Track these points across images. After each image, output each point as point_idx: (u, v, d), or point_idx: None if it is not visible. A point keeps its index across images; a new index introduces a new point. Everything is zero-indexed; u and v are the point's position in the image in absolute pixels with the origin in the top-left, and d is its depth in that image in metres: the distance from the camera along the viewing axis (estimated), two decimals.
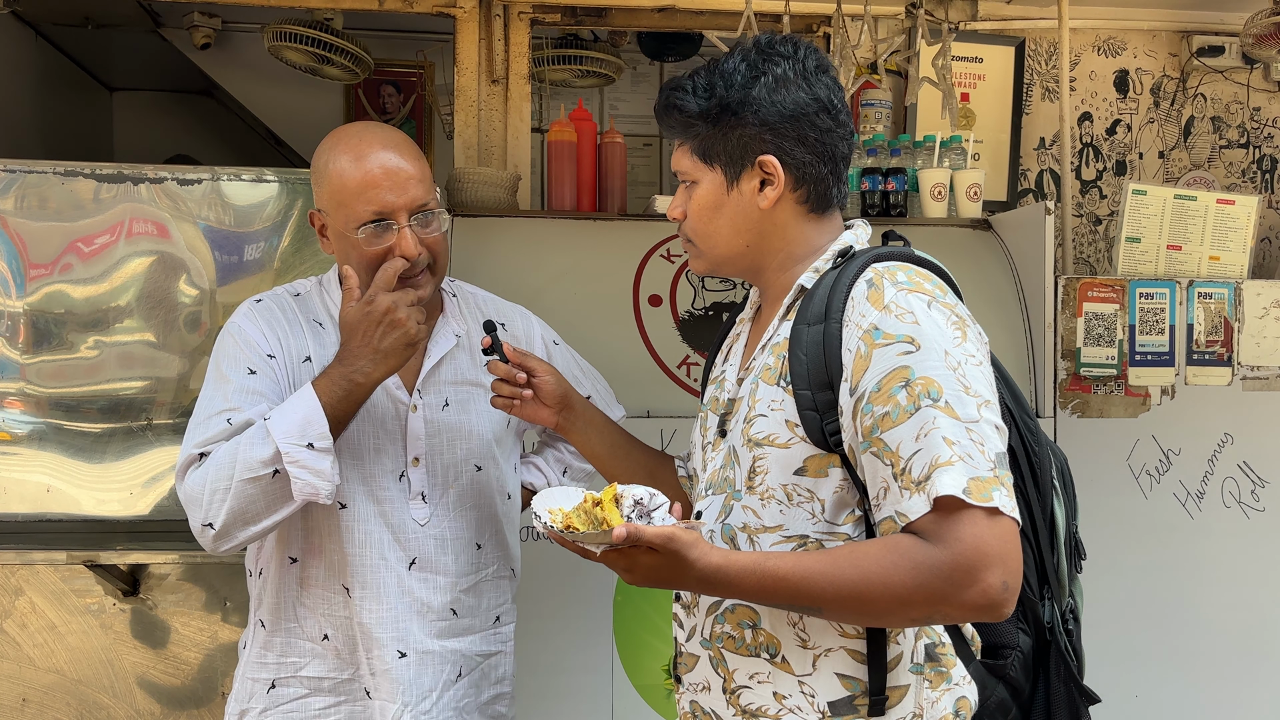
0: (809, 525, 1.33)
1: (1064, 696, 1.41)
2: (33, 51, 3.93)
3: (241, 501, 1.53)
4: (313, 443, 1.53)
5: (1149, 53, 3.48)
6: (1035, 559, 1.43)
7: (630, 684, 2.46)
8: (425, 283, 1.68)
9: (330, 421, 1.54)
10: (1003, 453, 1.24)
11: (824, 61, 1.42)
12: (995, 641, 1.40)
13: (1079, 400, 2.67)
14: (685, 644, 1.46)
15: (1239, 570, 2.70)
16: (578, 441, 1.72)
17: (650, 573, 1.28)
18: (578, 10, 3.19)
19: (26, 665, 2.38)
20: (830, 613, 1.27)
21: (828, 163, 1.40)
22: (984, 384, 1.27)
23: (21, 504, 2.35)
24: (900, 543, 1.22)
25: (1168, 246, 2.81)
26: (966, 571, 1.18)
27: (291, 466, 1.52)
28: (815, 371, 1.31)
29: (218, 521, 1.54)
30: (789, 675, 1.35)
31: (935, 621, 1.28)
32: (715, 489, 1.45)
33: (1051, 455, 1.49)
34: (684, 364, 2.57)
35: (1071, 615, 1.48)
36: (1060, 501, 1.47)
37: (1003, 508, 1.20)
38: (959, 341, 1.27)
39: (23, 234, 2.36)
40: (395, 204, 1.62)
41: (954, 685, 1.34)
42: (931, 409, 1.22)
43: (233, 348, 1.67)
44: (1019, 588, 1.21)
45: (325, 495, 1.55)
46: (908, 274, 1.33)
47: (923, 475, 1.21)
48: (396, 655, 1.70)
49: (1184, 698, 2.67)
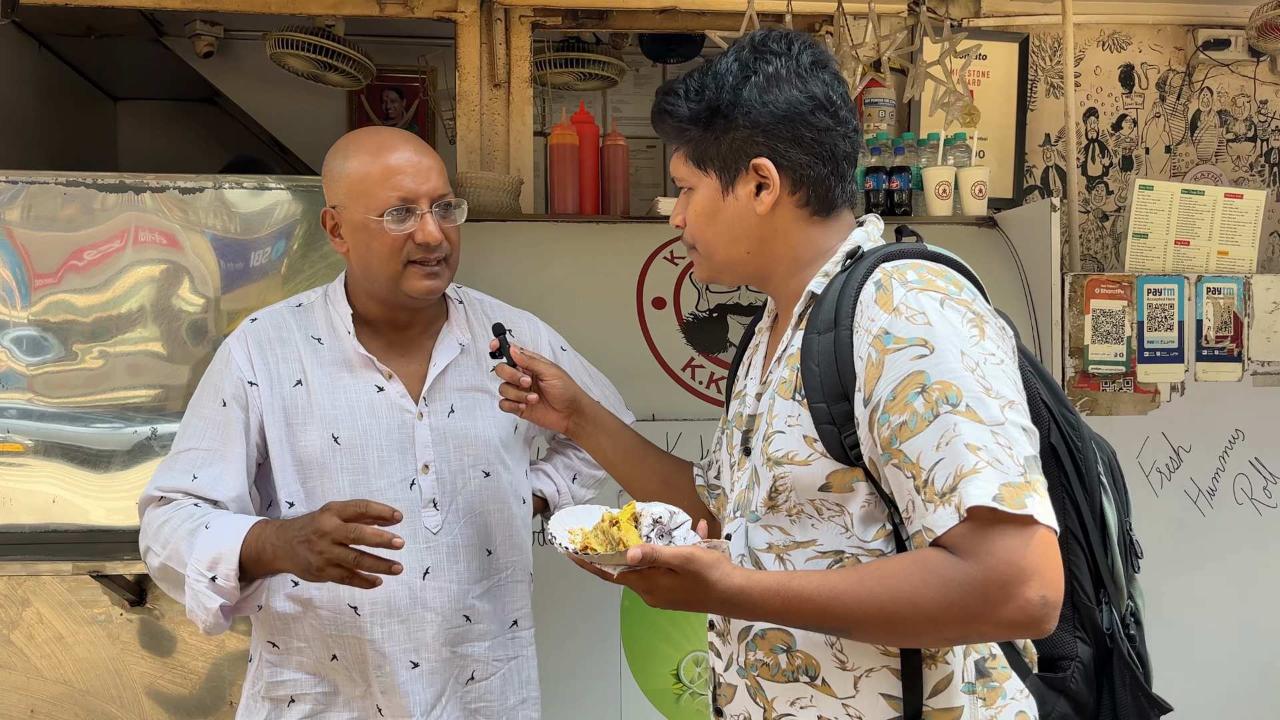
0: (843, 540, 1.27)
1: (1132, 707, 1.33)
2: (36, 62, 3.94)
3: (164, 575, 1.64)
4: (215, 577, 1.56)
5: (1154, 47, 3.46)
6: (1089, 562, 1.35)
7: (639, 689, 2.45)
8: (442, 273, 1.70)
9: (243, 568, 1.56)
10: (1033, 456, 1.16)
11: (821, 57, 1.35)
12: (1052, 653, 1.33)
13: (1088, 398, 2.65)
14: (723, 674, 1.40)
15: (1251, 567, 2.68)
16: (589, 446, 1.68)
17: (670, 594, 1.22)
18: (579, 13, 3.18)
19: (34, 676, 2.38)
20: (860, 634, 1.21)
21: (828, 163, 1.33)
22: (1007, 383, 1.19)
23: (28, 515, 2.35)
24: (929, 559, 1.15)
25: (1175, 242, 2.80)
26: (1001, 587, 1.10)
27: (188, 589, 1.58)
28: (829, 383, 1.25)
29: (153, 570, 1.65)
30: (831, 698, 1.28)
31: (971, 640, 1.21)
32: (741, 510, 1.39)
33: (1098, 450, 1.41)
34: (688, 367, 2.56)
35: (1133, 619, 1.39)
36: (1110, 499, 1.38)
37: (1038, 515, 1.11)
38: (976, 340, 1.19)
39: (27, 244, 2.36)
40: (418, 190, 1.66)
41: (1010, 701, 1.26)
42: (951, 415, 1.15)
43: (216, 375, 1.73)
44: (1060, 602, 1.13)
45: (204, 626, 1.58)
46: (918, 272, 1.25)
47: (947, 486, 1.14)
48: (409, 666, 1.69)
49: (1196, 695, 2.65)
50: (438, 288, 1.70)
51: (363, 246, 1.68)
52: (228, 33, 4.07)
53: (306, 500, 1.69)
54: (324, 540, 1.48)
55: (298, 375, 1.71)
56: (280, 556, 1.54)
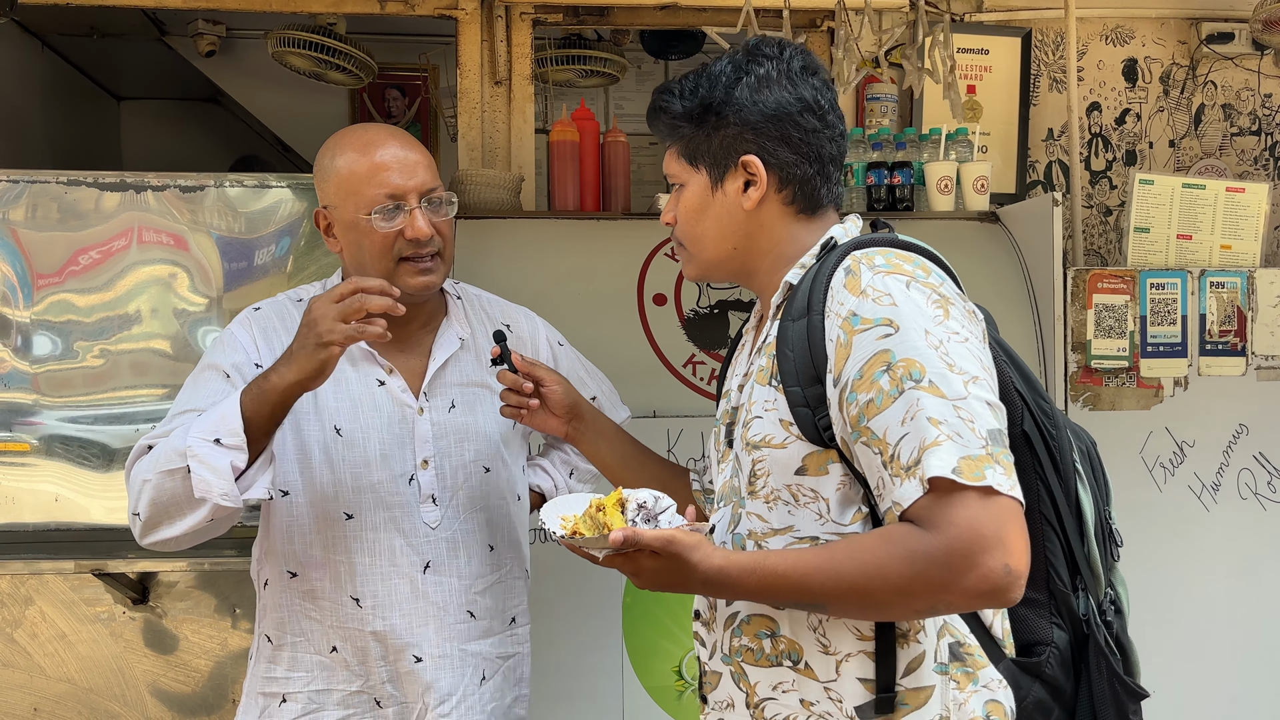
0: (818, 526, 1.31)
1: (1108, 694, 1.34)
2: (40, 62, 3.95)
3: (160, 494, 1.51)
4: (220, 438, 1.48)
5: (1158, 41, 3.45)
6: (1064, 548, 1.37)
7: (640, 685, 2.45)
8: (436, 268, 1.70)
9: (248, 421, 1.49)
10: (997, 430, 1.20)
11: (812, 64, 1.41)
12: (1029, 638, 1.35)
13: (1090, 393, 2.65)
14: (708, 662, 1.44)
15: (1256, 562, 2.67)
16: (587, 451, 1.73)
17: (655, 576, 1.27)
18: (579, 10, 3.18)
19: (37, 674, 2.39)
20: (834, 608, 1.25)
21: (814, 163, 1.38)
22: (970, 360, 1.22)
23: (31, 513, 2.36)
24: (895, 532, 1.19)
25: (1178, 236, 2.79)
26: (964, 556, 1.14)
27: (192, 461, 1.48)
28: (803, 367, 1.29)
29: (143, 512, 1.53)
30: (814, 681, 1.32)
31: (941, 611, 1.24)
32: (725, 500, 1.43)
33: (1074, 438, 1.43)
34: (689, 363, 2.56)
35: (1112, 606, 1.42)
36: (1086, 487, 1.41)
37: (998, 486, 1.15)
38: (940, 320, 1.24)
39: (29, 244, 2.37)
40: (405, 186, 1.65)
41: (982, 687, 1.29)
42: (915, 390, 1.19)
43: (219, 351, 1.69)
44: (1025, 570, 1.16)
45: (220, 495, 1.47)
46: (886, 257, 1.30)
47: (911, 460, 1.18)
48: (412, 660, 1.70)
49: (1200, 691, 2.65)
50: (432, 283, 1.70)
51: (355, 245, 1.69)
52: (230, 32, 4.08)
53: (304, 490, 1.69)
54: (327, 320, 1.47)
55: None
56: (284, 369, 1.49)
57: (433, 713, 1.70)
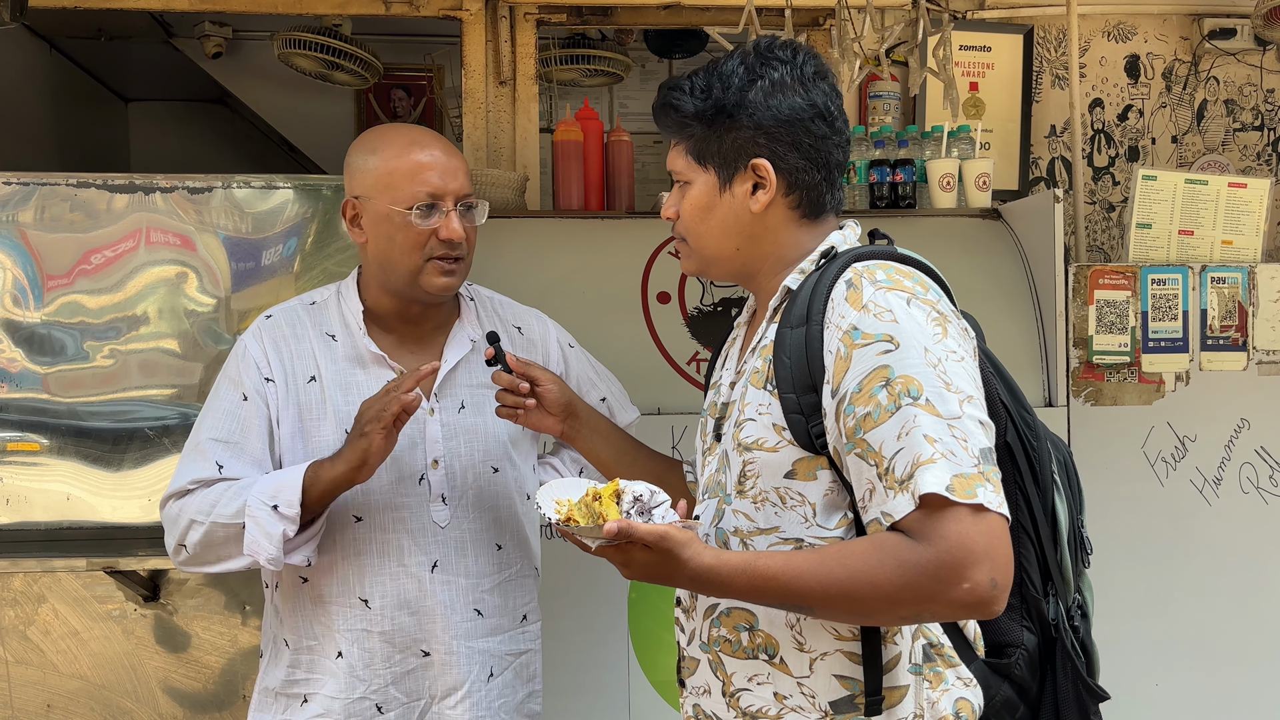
0: (803, 529, 1.33)
1: (1072, 694, 1.40)
2: (48, 64, 3.98)
3: (211, 539, 1.65)
4: (278, 505, 1.60)
5: (1160, 37, 3.46)
6: (1038, 555, 1.41)
7: (647, 680, 2.47)
8: (458, 271, 1.74)
9: (304, 493, 1.61)
10: (988, 448, 1.24)
11: (823, 68, 1.42)
12: (1000, 640, 1.39)
13: (1092, 388, 2.66)
14: (686, 648, 1.47)
15: (1258, 556, 2.68)
16: (584, 449, 1.74)
17: (644, 569, 1.30)
18: (583, 10, 3.20)
19: (51, 672, 2.41)
20: (820, 612, 1.28)
21: (821, 169, 1.40)
22: (966, 380, 1.26)
23: (43, 512, 2.38)
24: (886, 541, 1.22)
25: (1179, 232, 2.79)
26: (953, 569, 1.18)
27: (249, 520, 1.61)
28: (799, 375, 1.32)
29: (190, 548, 1.66)
30: (788, 676, 1.35)
31: (925, 620, 1.28)
32: (710, 493, 1.46)
33: (1052, 449, 1.47)
34: (693, 360, 2.58)
35: (1079, 611, 1.46)
36: (1062, 497, 1.45)
37: (988, 504, 1.19)
38: (939, 338, 1.27)
39: (39, 246, 2.39)
40: (446, 188, 1.70)
41: (952, 686, 1.33)
42: (912, 407, 1.22)
43: (235, 369, 1.76)
44: (1009, 584, 1.21)
45: (267, 560, 1.61)
46: (887, 272, 1.32)
47: (905, 474, 1.21)
48: (419, 656, 1.72)
49: (1205, 685, 2.66)
50: (453, 285, 1.73)
51: (384, 238, 1.71)
52: (236, 33, 4.09)
53: None
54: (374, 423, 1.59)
55: (311, 371, 1.74)
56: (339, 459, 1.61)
57: (437, 705, 1.72)
